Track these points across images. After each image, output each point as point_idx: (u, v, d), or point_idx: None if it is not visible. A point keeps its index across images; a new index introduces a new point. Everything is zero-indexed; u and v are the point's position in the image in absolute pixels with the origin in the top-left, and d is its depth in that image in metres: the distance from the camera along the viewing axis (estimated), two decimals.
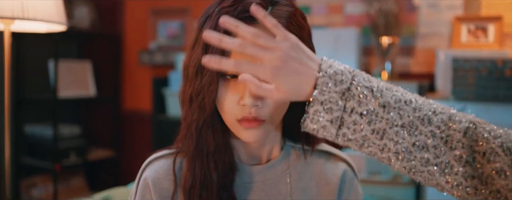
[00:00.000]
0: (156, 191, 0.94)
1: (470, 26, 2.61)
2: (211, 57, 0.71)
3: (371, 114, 0.71)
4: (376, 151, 0.74)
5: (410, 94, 0.75)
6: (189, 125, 0.89)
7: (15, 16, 1.53)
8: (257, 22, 0.82)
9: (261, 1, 0.85)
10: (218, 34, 0.72)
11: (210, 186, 0.91)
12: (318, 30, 2.87)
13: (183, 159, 0.96)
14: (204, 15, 0.90)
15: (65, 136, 3.45)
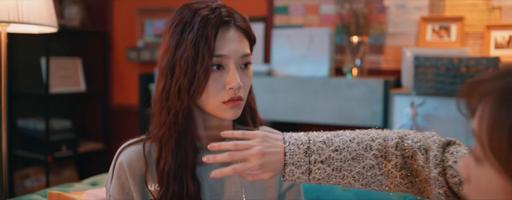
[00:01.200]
0: (130, 171, 1.10)
1: (435, 26, 2.78)
2: (208, 156, 0.95)
3: (329, 159, 0.95)
4: (339, 181, 0.97)
5: (353, 132, 1.00)
6: (173, 112, 1.05)
7: (11, 20, 1.67)
8: (232, 24, 1.06)
9: (228, 17, 1.04)
10: (212, 157, 0.95)
11: (184, 166, 1.08)
12: (295, 29, 3.03)
13: (151, 144, 1.12)
14: (179, 22, 1.06)
15: (57, 130, 3.56)
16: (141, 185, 1.10)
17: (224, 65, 1.05)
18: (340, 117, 2.60)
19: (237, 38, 1.07)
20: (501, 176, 0.59)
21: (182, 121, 1.06)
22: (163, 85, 1.06)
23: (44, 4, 1.79)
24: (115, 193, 1.10)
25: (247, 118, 1.22)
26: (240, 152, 0.95)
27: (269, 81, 2.77)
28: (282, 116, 2.73)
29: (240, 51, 1.07)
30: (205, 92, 1.04)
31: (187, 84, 1.03)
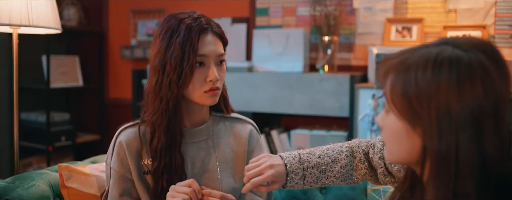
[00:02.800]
0: (128, 149, 1.37)
1: (398, 27, 3.05)
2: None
3: (316, 165, 1.25)
4: (325, 181, 1.26)
5: (326, 146, 1.33)
6: (165, 101, 1.31)
7: (23, 24, 1.92)
8: (210, 30, 1.33)
9: (206, 25, 1.31)
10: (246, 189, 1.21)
11: (173, 145, 1.35)
12: (274, 29, 3.29)
13: (145, 128, 1.39)
14: (167, 29, 1.32)
15: (57, 122, 3.80)
16: (137, 160, 1.37)
17: (205, 62, 1.32)
18: (313, 109, 2.87)
19: (214, 41, 1.34)
20: (399, 119, 0.86)
21: (172, 108, 1.32)
22: (156, 80, 1.32)
23: (50, 9, 2.05)
24: (116, 166, 1.36)
25: (221, 105, 1.48)
26: (255, 169, 1.21)
27: (250, 77, 3.03)
28: (261, 108, 3.00)
29: (217, 51, 1.34)
30: (191, 84, 1.31)
31: (176, 78, 1.29)
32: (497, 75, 0.81)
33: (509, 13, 2.84)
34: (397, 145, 0.90)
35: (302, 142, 2.97)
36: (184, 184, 1.25)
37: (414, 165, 0.91)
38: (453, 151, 0.80)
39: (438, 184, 0.82)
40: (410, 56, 0.87)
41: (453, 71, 0.80)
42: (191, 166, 1.40)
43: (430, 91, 0.81)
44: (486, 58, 0.82)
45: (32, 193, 1.52)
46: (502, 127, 0.81)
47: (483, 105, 0.79)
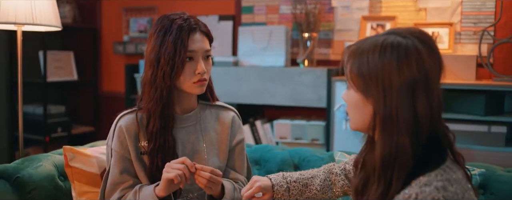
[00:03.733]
0: (127, 132, 1.56)
1: (373, 24, 3.26)
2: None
3: (298, 179, 1.48)
4: (308, 194, 1.46)
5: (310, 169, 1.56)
6: (159, 90, 1.50)
7: (27, 22, 2.10)
8: (198, 29, 1.52)
9: (195, 25, 1.50)
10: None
11: (166, 129, 1.54)
12: (258, 26, 3.48)
13: (142, 114, 1.58)
14: (161, 28, 1.51)
15: (53, 114, 3.96)
16: (135, 142, 1.56)
17: (194, 57, 1.52)
18: (293, 100, 3.08)
19: (201, 39, 1.54)
20: (356, 92, 1.09)
21: (165, 96, 1.52)
22: (152, 72, 1.51)
23: (51, 8, 2.23)
24: (116, 148, 1.55)
25: (207, 94, 1.68)
26: (247, 186, 1.46)
27: (235, 70, 3.23)
28: (246, 100, 3.20)
29: (204, 47, 1.53)
30: (182, 76, 1.51)
31: (169, 71, 1.48)
32: (427, 56, 1.05)
33: (474, 11, 3.05)
34: (356, 114, 1.13)
35: (284, 131, 3.18)
36: (178, 161, 1.43)
37: (369, 130, 1.13)
38: (394, 113, 1.03)
39: (384, 139, 1.05)
40: (364, 43, 1.10)
41: (394, 53, 1.04)
42: (182, 147, 1.59)
43: (377, 70, 1.05)
44: (420, 43, 1.06)
45: (40, 172, 1.71)
46: (432, 95, 1.05)
47: (416, 79, 1.03)
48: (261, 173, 1.97)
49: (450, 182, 1.00)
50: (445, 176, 1.02)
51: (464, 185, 1.04)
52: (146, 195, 1.47)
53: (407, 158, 1.03)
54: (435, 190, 0.98)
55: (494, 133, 2.63)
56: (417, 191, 0.99)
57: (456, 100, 2.77)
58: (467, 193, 1.03)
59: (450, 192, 0.98)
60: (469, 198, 1.02)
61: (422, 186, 0.99)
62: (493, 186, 1.61)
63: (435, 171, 1.02)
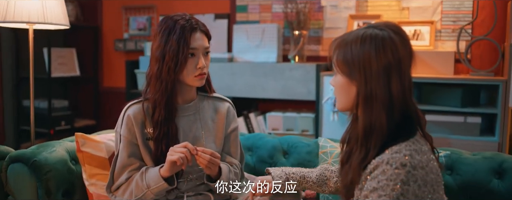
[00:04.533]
0: (135, 121, 1.73)
1: (359, 22, 3.44)
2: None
3: (296, 172, 1.62)
4: (305, 185, 1.60)
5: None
6: (164, 83, 1.67)
7: (39, 21, 2.28)
8: (198, 29, 1.69)
9: (196, 25, 1.67)
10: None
11: (170, 118, 1.71)
12: (252, 24, 3.67)
13: (148, 104, 1.75)
14: (166, 28, 1.67)
15: (57, 108, 4.14)
16: (141, 129, 1.73)
17: (195, 54, 1.69)
18: (285, 93, 3.26)
19: (201, 37, 1.71)
20: (342, 77, 1.29)
21: (170, 88, 1.69)
22: (157, 67, 1.68)
23: (60, 7, 2.40)
24: (125, 134, 1.73)
25: (206, 86, 1.85)
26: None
27: (230, 66, 3.41)
28: (240, 93, 3.38)
29: (204, 45, 1.71)
30: (185, 70, 1.68)
31: (173, 66, 1.66)
32: (400, 45, 1.26)
33: (453, 11, 3.24)
34: (343, 95, 1.32)
35: (276, 123, 3.36)
36: (180, 145, 1.60)
37: (353, 108, 1.32)
38: (374, 93, 1.24)
39: (365, 114, 1.26)
40: (348, 36, 1.31)
41: (373, 43, 1.24)
42: (183, 134, 1.76)
43: (359, 57, 1.25)
44: (394, 34, 1.26)
45: (54, 156, 1.88)
46: (404, 78, 1.26)
47: (391, 64, 1.24)
48: (253, 158, 2.15)
49: (417, 152, 1.20)
50: (413, 146, 1.22)
51: (429, 156, 1.24)
52: (152, 175, 1.65)
53: (382, 129, 1.23)
54: (403, 156, 1.18)
55: (470, 123, 2.82)
56: (389, 157, 1.19)
57: (435, 92, 2.96)
58: (431, 163, 1.23)
59: (416, 160, 1.18)
60: (432, 167, 1.22)
61: (393, 153, 1.19)
62: (459, 167, 1.80)
63: (405, 142, 1.22)
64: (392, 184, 1.15)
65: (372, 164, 1.22)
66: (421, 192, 1.18)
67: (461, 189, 1.77)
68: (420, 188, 1.17)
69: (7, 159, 1.88)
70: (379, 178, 1.18)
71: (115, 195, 1.74)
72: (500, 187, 1.72)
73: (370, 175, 1.21)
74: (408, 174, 1.16)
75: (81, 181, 1.92)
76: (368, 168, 1.23)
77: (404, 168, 1.16)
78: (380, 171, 1.19)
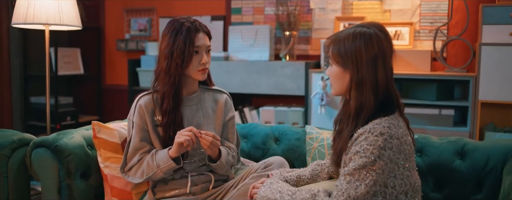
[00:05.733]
0: (146, 110, 1.96)
1: (345, 24, 3.69)
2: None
3: (293, 172, 1.80)
4: (303, 183, 1.77)
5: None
6: (173, 77, 1.90)
7: (56, 23, 2.50)
8: (201, 30, 1.94)
9: (199, 27, 1.91)
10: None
11: (177, 107, 1.95)
12: (246, 25, 3.91)
13: (157, 95, 1.98)
14: (173, 30, 1.90)
15: (63, 104, 4.34)
16: (151, 116, 1.96)
17: (199, 51, 1.93)
18: (276, 89, 3.51)
19: (204, 37, 1.95)
20: (337, 67, 1.54)
21: (177, 81, 1.92)
22: (166, 63, 1.90)
23: (74, 9, 2.62)
24: (137, 121, 1.96)
25: (207, 80, 2.09)
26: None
27: (226, 64, 3.65)
28: (235, 89, 3.62)
29: (206, 44, 1.95)
30: (190, 66, 1.91)
31: (180, 62, 1.89)
32: (384, 40, 1.52)
33: (430, 13, 3.50)
34: (338, 83, 1.58)
35: (268, 116, 3.61)
36: (186, 129, 1.84)
37: (346, 93, 1.57)
38: (364, 79, 1.50)
39: (357, 96, 1.51)
40: (341, 34, 1.57)
41: (362, 39, 1.50)
42: (187, 121, 2.00)
43: (351, 50, 1.51)
44: (379, 31, 1.53)
45: (73, 142, 2.11)
46: (387, 66, 1.53)
47: (378, 55, 1.50)
48: (248, 144, 2.39)
49: (394, 126, 1.47)
50: (392, 121, 1.48)
51: (404, 131, 1.51)
52: (161, 156, 1.88)
53: (371, 107, 1.49)
54: (382, 127, 1.44)
55: (444, 115, 3.08)
56: (371, 127, 1.45)
57: (413, 87, 3.22)
58: (405, 137, 1.50)
59: (393, 131, 1.45)
60: (406, 140, 1.50)
61: (375, 125, 1.46)
62: (428, 150, 2.05)
63: (386, 117, 1.49)
64: (371, 148, 1.41)
65: (357, 133, 1.48)
66: (395, 158, 1.44)
67: (429, 168, 2.01)
68: (395, 154, 1.44)
69: (31, 145, 2.11)
70: (361, 143, 1.44)
71: (128, 175, 1.97)
72: (462, 166, 1.97)
73: (355, 141, 1.47)
74: (385, 141, 1.42)
75: (96, 164, 2.15)
76: (354, 136, 1.49)
77: (382, 136, 1.42)
78: (363, 138, 1.45)
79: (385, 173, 1.43)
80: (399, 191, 1.48)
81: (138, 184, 2.10)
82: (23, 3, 2.48)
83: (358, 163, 1.42)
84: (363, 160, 1.42)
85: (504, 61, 2.93)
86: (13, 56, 4.27)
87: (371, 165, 1.41)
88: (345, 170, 1.45)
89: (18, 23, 2.52)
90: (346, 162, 1.49)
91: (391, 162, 1.43)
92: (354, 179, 1.42)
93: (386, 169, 1.42)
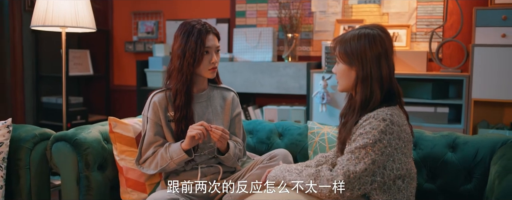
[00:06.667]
0: (160, 106, 2.09)
1: (345, 26, 3.83)
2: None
3: (299, 167, 1.86)
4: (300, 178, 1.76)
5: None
6: (185, 75, 2.03)
7: (73, 25, 2.64)
8: (211, 32, 2.08)
9: (209, 29, 2.05)
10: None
11: (188, 103, 2.08)
12: (250, 28, 4.05)
13: (170, 92, 2.12)
14: (185, 31, 2.03)
15: (73, 104, 4.47)
16: (164, 112, 2.09)
17: (209, 51, 2.06)
18: (279, 89, 3.65)
19: (214, 38, 2.09)
20: (343, 64, 1.70)
21: (189, 79, 2.06)
22: (179, 62, 2.04)
23: (89, 12, 2.76)
24: (151, 116, 2.09)
25: (215, 78, 2.22)
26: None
27: (231, 65, 3.79)
28: (240, 89, 3.76)
29: (216, 44, 2.09)
30: (201, 65, 2.05)
31: (192, 61, 2.02)
32: (386, 39, 1.69)
33: (426, 16, 3.64)
34: (345, 79, 1.74)
35: (272, 115, 3.75)
36: (198, 123, 1.97)
37: (352, 89, 1.73)
38: (369, 74, 1.66)
39: (362, 90, 1.67)
40: (346, 35, 1.73)
41: (366, 39, 1.67)
42: (197, 117, 2.13)
43: (357, 49, 1.67)
44: (381, 32, 1.70)
45: (91, 136, 2.25)
46: (390, 63, 1.69)
47: (381, 53, 1.66)
48: (254, 139, 2.53)
49: (395, 114, 1.63)
50: (393, 111, 1.64)
51: (404, 121, 1.67)
52: (174, 149, 2.02)
53: (377, 98, 1.65)
54: (385, 114, 1.60)
55: (439, 113, 3.22)
56: (375, 113, 1.61)
57: (410, 87, 3.36)
58: (405, 126, 1.66)
59: (394, 119, 1.60)
60: (405, 129, 1.65)
61: (378, 112, 1.62)
62: (422, 143, 2.18)
63: (388, 107, 1.65)
64: (373, 131, 1.57)
65: (362, 119, 1.63)
66: (395, 143, 1.59)
67: (423, 160, 2.15)
68: (394, 139, 1.59)
69: (51, 139, 2.25)
70: (365, 127, 1.59)
71: (143, 167, 2.11)
72: (453, 158, 2.10)
73: (360, 126, 1.62)
74: (386, 127, 1.57)
75: (112, 157, 2.28)
76: (359, 122, 1.64)
77: (384, 121, 1.58)
78: (367, 122, 1.60)
79: (384, 156, 1.57)
80: (396, 174, 1.62)
81: (151, 175, 2.23)
82: (42, 6, 2.63)
83: (360, 143, 1.57)
84: (364, 140, 1.57)
85: (496, 61, 3.07)
86: (25, 57, 4.41)
87: (371, 146, 1.56)
88: (348, 148, 1.60)
89: (37, 26, 2.66)
90: (350, 144, 1.63)
91: (390, 146, 1.58)
92: (354, 157, 1.56)
93: (385, 152, 1.57)
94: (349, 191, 1.55)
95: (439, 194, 2.11)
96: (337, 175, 1.55)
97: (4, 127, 2.21)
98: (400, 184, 1.66)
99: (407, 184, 1.68)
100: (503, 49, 3.06)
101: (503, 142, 2.05)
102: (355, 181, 1.55)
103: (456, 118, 3.38)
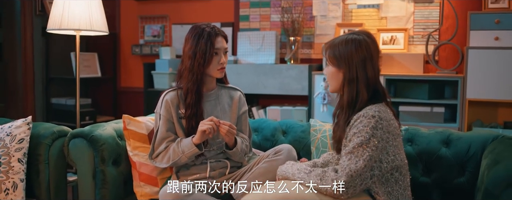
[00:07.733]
0: (172, 104, 2.21)
1: (345, 30, 3.96)
2: None
3: (305, 169, 1.95)
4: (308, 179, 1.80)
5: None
6: (195, 75, 2.15)
7: (87, 29, 2.77)
8: (220, 34, 2.21)
9: (218, 32, 2.17)
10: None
11: (199, 102, 2.21)
12: (253, 31, 4.18)
13: (181, 91, 2.24)
14: (196, 34, 2.16)
15: (82, 105, 4.57)
16: (176, 109, 2.21)
17: (218, 53, 2.19)
18: (282, 90, 3.77)
19: (222, 41, 2.21)
20: (332, 67, 1.83)
21: (199, 79, 2.18)
22: (190, 63, 2.16)
23: (102, 16, 2.89)
24: (164, 113, 2.20)
25: (223, 78, 2.35)
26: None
27: (235, 67, 3.92)
28: (244, 90, 3.73)
29: (224, 46, 2.21)
30: (211, 65, 2.17)
31: (202, 62, 2.15)
32: (371, 44, 1.81)
33: (423, 19, 3.77)
34: (334, 81, 1.86)
35: (275, 115, 3.87)
36: (208, 119, 2.09)
37: (340, 90, 1.85)
38: (355, 76, 1.78)
39: (348, 91, 1.79)
40: (335, 40, 1.85)
41: (353, 44, 1.79)
42: (206, 114, 2.25)
43: (345, 53, 1.80)
44: (367, 38, 1.82)
45: (105, 133, 2.38)
46: (375, 66, 1.81)
47: (366, 57, 1.79)
48: (259, 137, 2.65)
49: (382, 111, 1.75)
50: (380, 107, 1.76)
51: (391, 116, 1.79)
52: (186, 143, 2.14)
53: (364, 98, 1.78)
54: (373, 111, 1.72)
55: (435, 112, 3.35)
56: (364, 112, 1.74)
57: (407, 88, 3.49)
58: (392, 121, 1.78)
59: (382, 115, 1.73)
60: (393, 124, 1.77)
61: (367, 110, 1.74)
62: (417, 139, 2.30)
63: (375, 105, 1.77)
64: (366, 129, 1.69)
65: (353, 119, 1.76)
66: (386, 137, 1.72)
67: (418, 155, 2.27)
68: (384, 134, 1.71)
69: (69, 136, 2.37)
70: (357, 126, 1.72)
71: (156, 161, 2.23)
72: (447, 153, 2.22)
73: (352, 126, 1.75)
74: (376, 123, 1.70)
75: (126, 153, 2.41)
76: (351, 122, 1.76)
77: (374, 118, 1.70)
78: (358, 121, 1.73)
79: (378, 150, 1.70)
80: (392, 166, 1.75)
81: (163, 170, 2.36)
82: (58, 11, 2.75)
83: (356, 142, 1.69)
84: (360, 139, 1.69)
85: (490, 63, 3.20)
86: (36, 59, 4.54)
87: (366, 143, 1.68)
88: (346, 149, 1.72)
89: (52, 29, 2.79)
90: (346, 144, 1.76)
91: (382, 140, 1.70)
92: (353, 156, 1.69)
93: (379, 146, 1.70)
94: (352, 188, 1.67)
95: (434, 187, 2.22)
96: (341, 176, 1.67)
97: (25, 124, 2.34)
98: (398, 176, 1.78)
99: (403, 176, 1.81)
100: (496, 51, 3.19)
101: (494, 138, 2.17)
102: (357, 178, 1.67)
103: (451, 117, 3.51)
